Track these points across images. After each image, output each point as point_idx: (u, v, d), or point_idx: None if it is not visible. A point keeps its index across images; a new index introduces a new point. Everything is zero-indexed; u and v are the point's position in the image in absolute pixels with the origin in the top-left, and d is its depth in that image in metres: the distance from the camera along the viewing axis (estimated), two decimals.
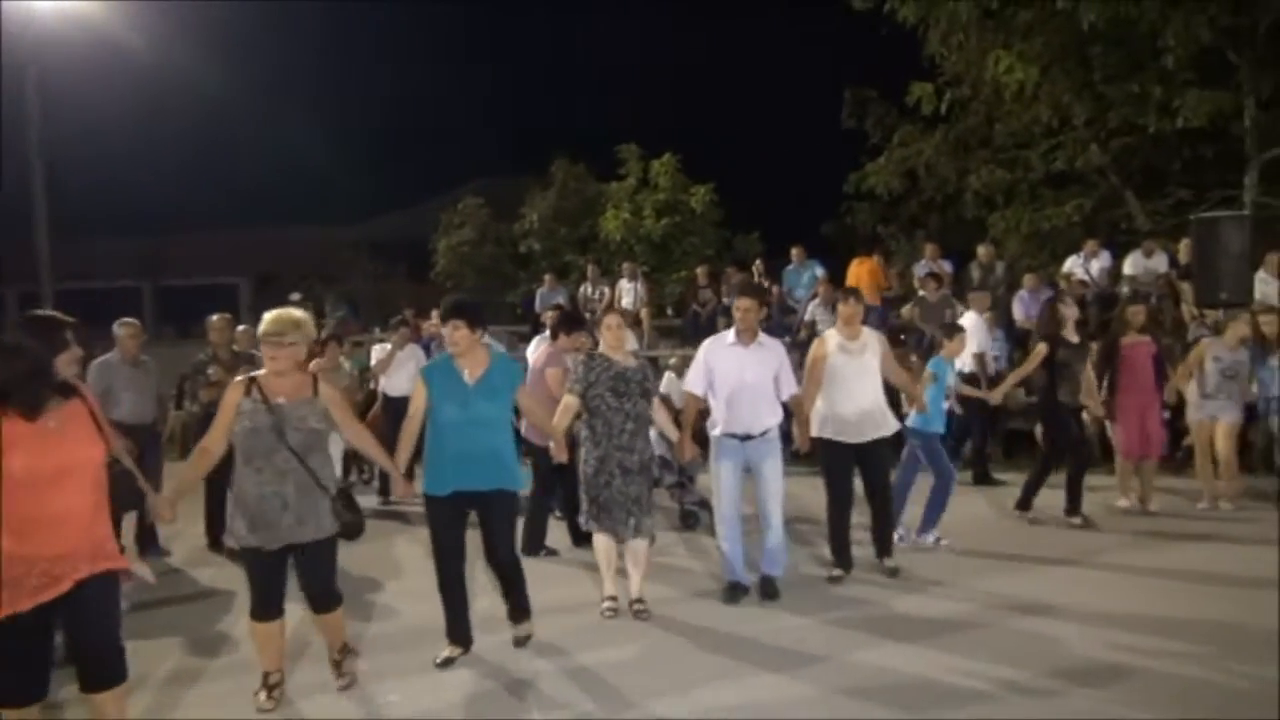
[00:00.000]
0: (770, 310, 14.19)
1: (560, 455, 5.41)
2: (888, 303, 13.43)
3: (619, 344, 5.56)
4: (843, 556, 6.24)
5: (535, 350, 8.48)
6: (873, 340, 6.24)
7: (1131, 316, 8.14)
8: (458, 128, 36.47)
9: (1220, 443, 7.99)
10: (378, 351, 10.12)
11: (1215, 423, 8.01)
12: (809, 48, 32.71)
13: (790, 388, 5.88)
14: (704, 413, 5.91)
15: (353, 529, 4.42)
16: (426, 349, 11.02)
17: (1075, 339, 7.58)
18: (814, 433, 6.14)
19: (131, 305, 23.34)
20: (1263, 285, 10.52)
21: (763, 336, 5.80)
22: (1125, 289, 12.12)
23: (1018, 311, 11.76)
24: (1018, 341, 11.39)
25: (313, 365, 9.44)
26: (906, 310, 12.71)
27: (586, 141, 23.52)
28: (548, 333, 8.63)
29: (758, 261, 15.57)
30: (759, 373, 5.70)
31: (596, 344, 8.52)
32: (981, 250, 13.17)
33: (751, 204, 19.23)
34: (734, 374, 5.67)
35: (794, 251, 14.12)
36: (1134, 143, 14.65)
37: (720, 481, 5.75)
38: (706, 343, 5.92)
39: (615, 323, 5.59)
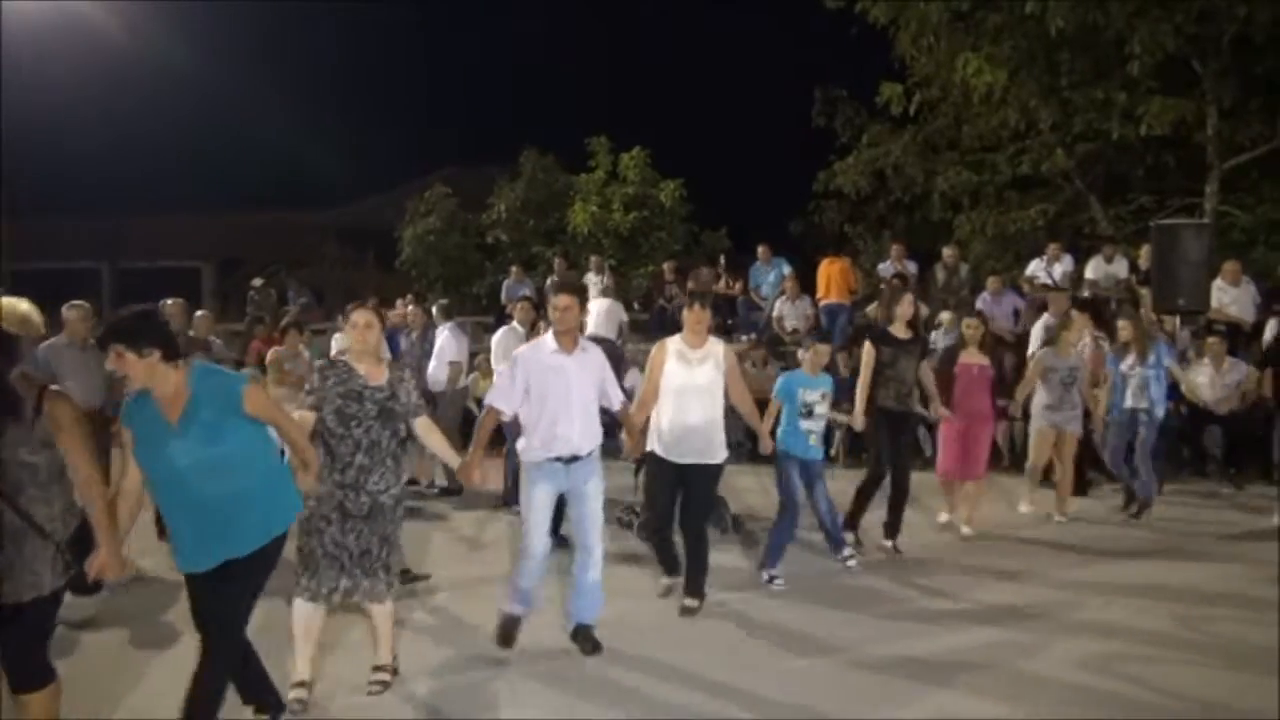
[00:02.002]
0: (737, 305, 14.27)
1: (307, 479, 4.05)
2: (856, 303, 13.48)
3: (366, 348, 4.39)
4: (672, 568, 5.76)
5: (501, 341, 8.46)
6: (717, 352, 5.54)
7: (969, 332, 7.56)
8: (427, 116, 36.15)
9: (1065, 455, 7.88)
10: (338, 340, 9.99)
11: (1059, 432, 7.80)
12: (780, 45, 32.75)
13: (618, 397, 5.15)
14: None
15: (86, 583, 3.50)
16: (391, 339, 10.91)
17: (904, 335, 6.86)
18: (648, 444, 5.55)
19: (90, 287, 22.94)
20: (1219, 293, 10.66)
21: (583, 341, 5.00)
22: (1086, 293, 12.27)
23: None
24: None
25: (271, 353, 9.34)
26: (871, 310, 12.76)
27: (556, 133, 23.47)
28: (515, 324, 8.64)
29: (721, 258, 15.60)
30: (585, 384, 4.90)
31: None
32: (947, 252, 13.26)
33: (720, 200, 19.24)
34: (559, 387, 4.81)
35: (760, 249, 14.14)
36: (1098, 148, 14.82)
37: (534, 514, 4.84)
38: (523, 351, 4.99)
39: (364, 320, 4.39)
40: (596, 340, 5.77)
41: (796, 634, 5.19)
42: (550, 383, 4.80)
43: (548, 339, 4.92)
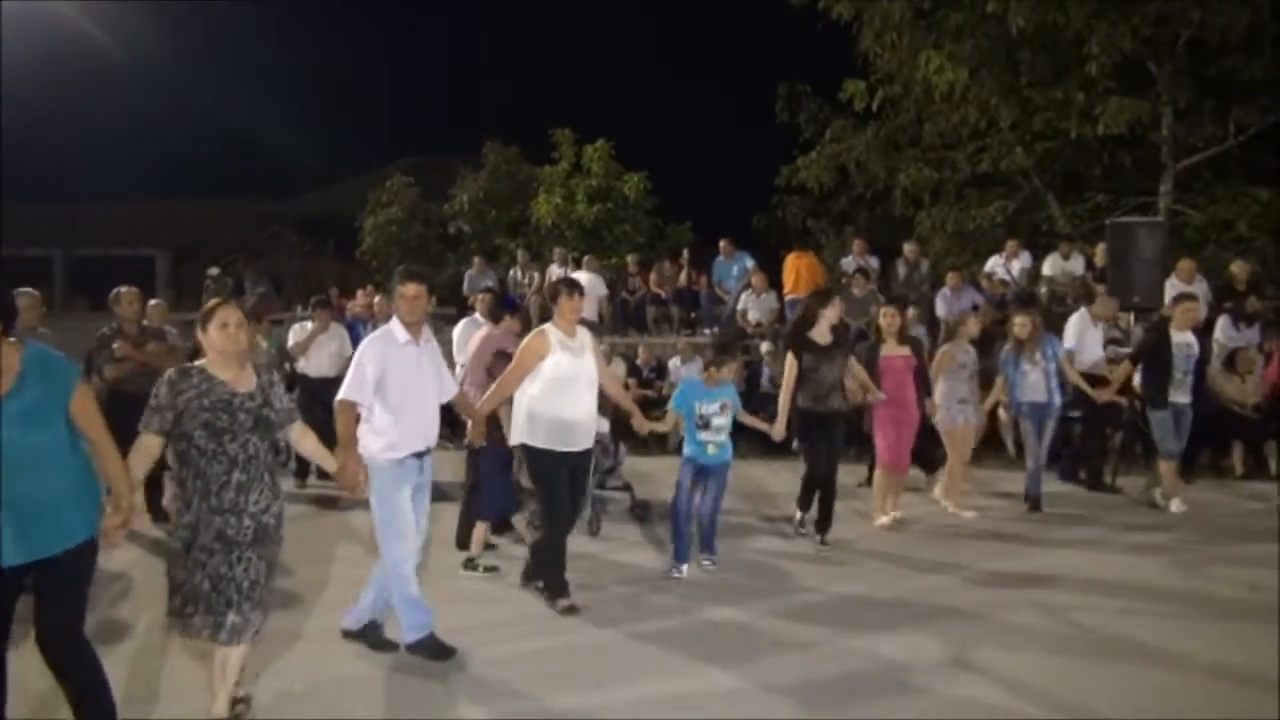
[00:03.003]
0: (700, 299, 14.30)
1: (114, 519, 3.58)
2: None
3: (235, 349, 3.87)
4: (564, 582, 5.51)
5: (463, 333, 8.41)
6: (589, 339, 5.62)
7: (885, 321, 7.68)
8: (389, 105, 35.81)
9: (968, 446, 8.07)
10: (296, 331, 9.87)
11: (968, 426, 8.01)
12: (744, 40, 32.83)
13: (452, 386, 5.08)
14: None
15: None
16: (351, 329, 10.80)
17: (826, 340, 6.92)
18: (523, 439, 5.41)
19: (42, 275, 22.49)
20: (1173, 291, 10.84)
21: (426, 332, 4.89)
22: (1044, 289, 12.45)
23: (940, 309, 11.96)
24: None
25: None
26: (801, 304, 12.80)
27: (520, 124, 23.35)
28: (476, 316, 8.61)
29: (684, 252, 15.61)
30: (432, 375, 4.82)
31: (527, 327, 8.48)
32: (907, 248, 13.41)
33: (684, 193, 19.25)
34: (413, 379, 4.69)
35: (722, 244, 14.15)
36: (1056, 147, 15.00)
37: (404, 515, 4.63)
38: (374, 341, 4.71)
39: (234, 320, 3.86)
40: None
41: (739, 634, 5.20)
42: (407, 374, 4.66)
43: (396, 329, 4.71)
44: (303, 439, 4.18)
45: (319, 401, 7.88)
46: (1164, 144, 14.19)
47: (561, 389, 5.37)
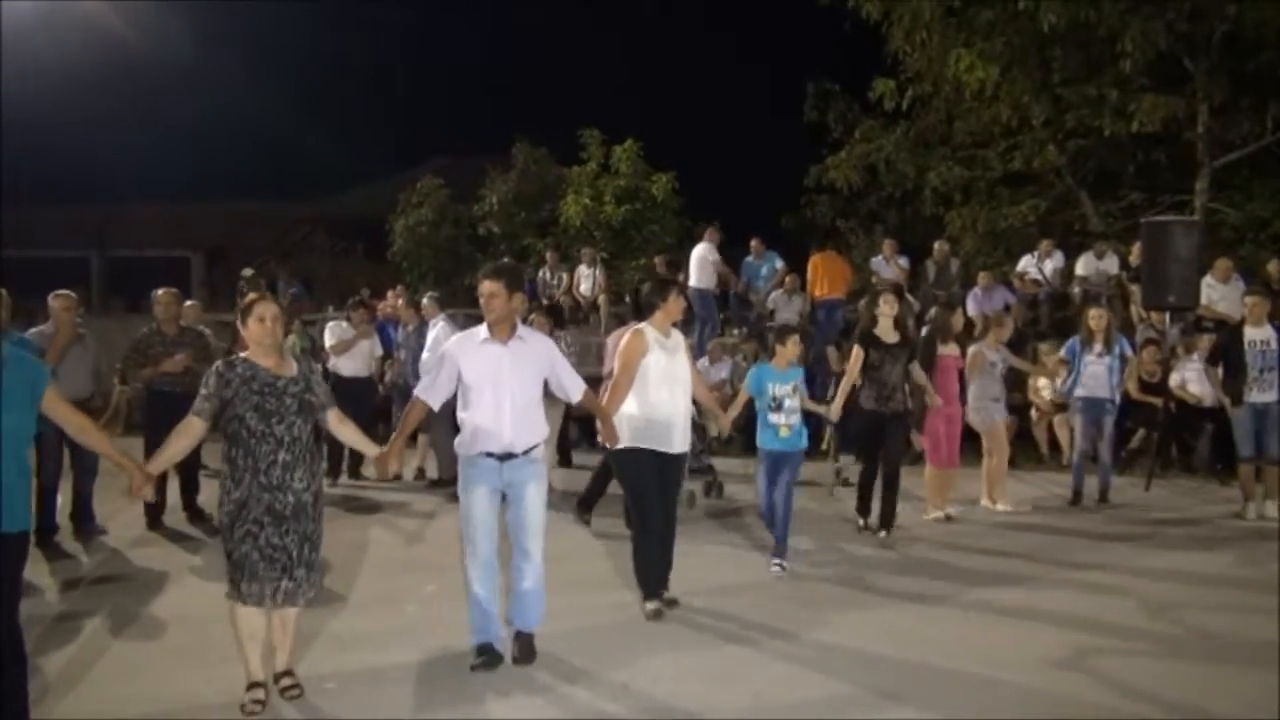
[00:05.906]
0: (728, 299, 14.25)
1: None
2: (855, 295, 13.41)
3: (272, 342, 4.18)
4: (653, 584, 5.43)
5: None
6: (681, 340, 5.59)
7: (951, 323, 7.87)
8: (418, 106, 36.02)
9: (1005, 443, 8.24)
10: (332, 329, 9.95)
11: (995, 423, 8.12)
12: (774, 40, 32.75)
13: (577, 387, 4.90)
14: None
15: None
16: (382, 330, 10.87)
17: (892, 339, 7.10)
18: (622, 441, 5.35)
19: (79, 276, 22.80)
20: (1209, 290, 10.70)
21: (523, 330, 4.77)
22: (1077, 289, 12.31)
23: (971, 308, 11.87)
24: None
25: None
26: (863, 305, 12.75)
27: (548, 125, 23.38)
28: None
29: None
30: (522, 375, 4.63)
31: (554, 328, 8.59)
32: (937, 247, 13.30)
33: (712, 193, 19.17)
34: (491, 378, 4.57)
35: (752, 243, 14.07)
36: (1090, 145, 14.84)
37: (474, 513, 4.59)
38: (454, 340, 4.82)
39: (270, 314, 4.17)
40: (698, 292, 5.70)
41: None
42: (480, 374, 4.57)
43: (480, 328, 4.69)
44: (340, 425, 4.39)
45: (349, 400, 7.93)
46: (1199, 141, 13.98)
47: (658, 388, 5.32)
